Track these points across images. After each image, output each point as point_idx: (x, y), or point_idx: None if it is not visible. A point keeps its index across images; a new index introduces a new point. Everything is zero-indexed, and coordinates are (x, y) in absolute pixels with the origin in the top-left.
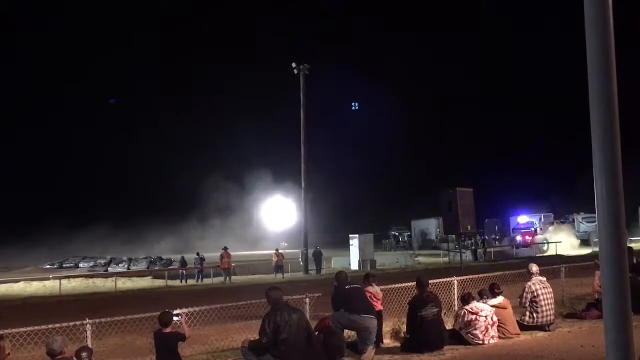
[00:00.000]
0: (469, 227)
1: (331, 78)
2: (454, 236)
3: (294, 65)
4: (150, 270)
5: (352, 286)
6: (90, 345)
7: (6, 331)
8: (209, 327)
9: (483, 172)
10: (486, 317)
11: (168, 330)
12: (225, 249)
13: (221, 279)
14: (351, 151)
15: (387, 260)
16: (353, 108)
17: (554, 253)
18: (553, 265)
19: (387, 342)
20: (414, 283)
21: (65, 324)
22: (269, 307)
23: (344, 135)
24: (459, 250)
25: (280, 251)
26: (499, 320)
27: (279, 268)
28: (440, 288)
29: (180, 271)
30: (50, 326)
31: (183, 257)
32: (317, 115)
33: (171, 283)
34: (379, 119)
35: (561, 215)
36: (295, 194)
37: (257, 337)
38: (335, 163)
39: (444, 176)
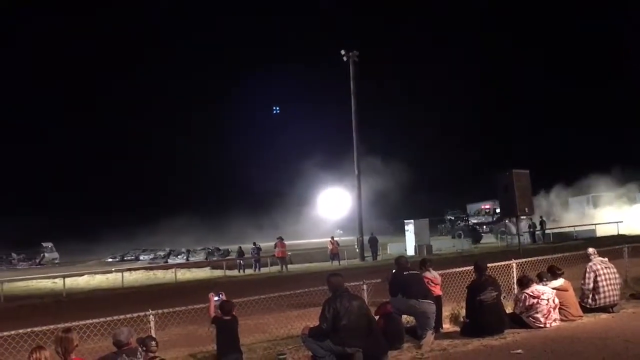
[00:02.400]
0: (526, 208)
1: (381, 64)
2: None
3: (342, 52)
4: (208, 260)
5: (410, 272)
6: (154, 335)
7: (73, 323)
8: (268, 315)
9: (537, 153)
10: (547, 299)
11: (227, 317)
12: (280, 238)
13: (278, 267)
14: (406, 137)
15: (443, 244)
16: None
17: (615, 233)
18: (615, 246)
19: (446, 326)
20: (472, 267)
21: (129, 315)
22: (329, 293)
23: (397, 120)
24: (516, 233)
25: (335, 238)
26: (560, 302)
27: (335, 255)
28: (498, 271)
29: (238, 261)
30: (115, 317)
31: (240, 247)
32: (369, 101)
33: (229, 273)
34: (432, 103)
35: None
36: (350, 181)
37: (317, 324)
38: (390, 149)
39: (499, 159)
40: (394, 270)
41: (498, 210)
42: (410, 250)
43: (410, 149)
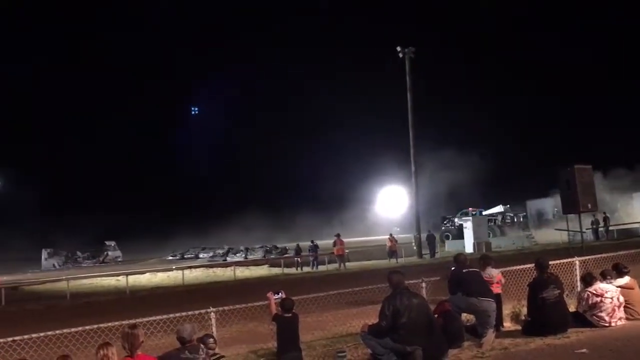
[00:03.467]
0: (589, 205)
1: (434, 61)
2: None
3: (398, 48)
4: (266, 258)
5: (469, 269)
6: (215, 332)
7: (138, 320)
8: (327, 312)
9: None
10: (612, 298)
11: (287, 314)
12: (338, 235)
13: (336, 265)
14: (462, 132)
15: (502, 242)
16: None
17: None
18: None
19: (507, 325)
20: (533, 264)
21: (191, 312)
22: (390, 291)
23: (452, 117)
24: (579, 230)
25: (393, 236)
26: (625, 301)
27: (393, 253)
28: (560, 269)
29: (296, 259)
30: (178, 314)
31: (298, 245)
32: (424, 99)
33: (287, 271)
34: (487, 99)
35: None
36: (407, 179)
37: (376, 322)
38: (447, 145)
39: (561, 154)
40: (452, 268)
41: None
42: (469, 248)
43: (468, 145)
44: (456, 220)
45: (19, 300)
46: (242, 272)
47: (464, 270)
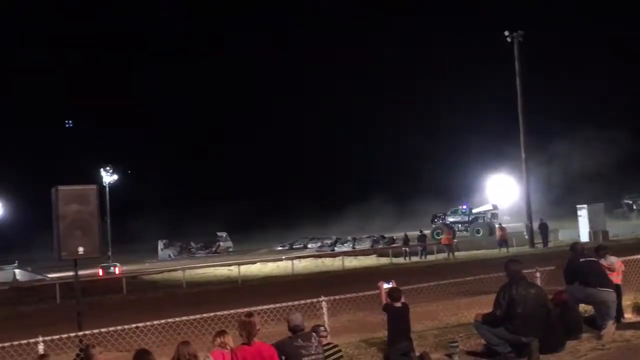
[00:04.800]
0: None
1: (546, 45)
2: None
3: (506, 33)
4: (374, 248)
5: (586, 258)
6: (326, 321)
7: (252, 308)
8: (437, 302)
9: None
10: None
11: (398, 304)
12: (447, 225)
13: (444, 255)
14: (575, 118)
15: (620, 230)
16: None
17: None
18: None
19: (629, 316)
20: None
21: (303, 301)
22: (506, 280)
23: (566, 103)
24: None
25: (503, 225)
26: None
27: (503, 242)
28: None
29: (403, 248)
30: (290, 303)
31: (406, 235)
32: (534, 85)
33: (395, 260)
34: (601, 84)
35: None
36: (517, 166)
37: (490, 311)
38: (559, 131)
39: None
40: (569, 257)
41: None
42: (584, 237)
43: (581, 129)
44: (447, 217)
45: (138, 289)
46: (350, 262)
47: (581, 260)
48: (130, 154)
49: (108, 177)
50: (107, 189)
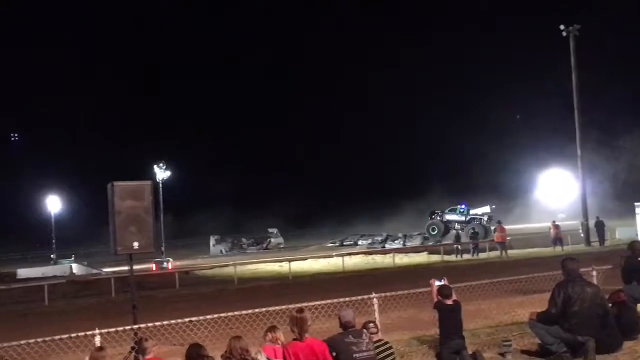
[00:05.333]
0: None
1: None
2: None
3: (562, 27)
4: (425, 245)
5: None
6: (377, 318)
7: (303, 304)
8: (489, 300)
9: None
10: None
11: (449, 301)
12: (499, 222)
13: (497, 252)
14: (636, 112)
15: None
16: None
17: None
18: None
19: None
20: None
21: (354, 298)
22: (561, 278)
23: (626, 97)
24: None
25: (556, 223)
26: None
27: (558, 240)
28: None
29: (455, 246)
30: (341, 299)
31: (457, 232)
32: (593, 79)
33: (446, 258)
34: None
35: None
36: (572, 163)
37: (545, 309)
38: (616, 126)
39: None
40: (627, 256)
41: None
42: None
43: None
44: (445, 215)
45: (190, 284)
46: (401, 259)
47: (639, 259)
48: (189, 150)
49: (161, 173)
50: (160, 185)
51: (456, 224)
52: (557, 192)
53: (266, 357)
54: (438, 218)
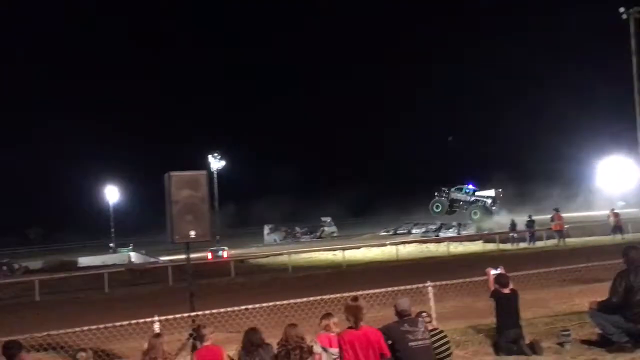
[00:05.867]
0: None
1: None
2: None
3: (622, 9)
4: (480, 234)
5: None
6: (432, 306)
7: (358, 292)
8: (547, 289)
9: None
10: None
11: (506, 290)
12: (556, 210)
13: (554, 241)
14: None
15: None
16: None
17: None
18: None
19: None
20: None
21: (409, 286)
22: (623, 266)
23: None
24: None
25: (616, 210)
26: None
27: (617, 228)
28: None
29: (511, 234)
30: (395, 288)
31: (513, 220)
32: None
33: (502, 246)
34: None
35: None
36: (633, 149)
37: (605, 298)
38: None
39: None
40: None
41: None
42: None
43: None
44: (451, 193)
45: (246, 272)
46: (456, 248)
47: None
48: (252, 140)
49: (216, 163)
50: (215, 175)
51: (461, 202)
52: (617, 180)
53: (321, 345)
54: (444, 196)
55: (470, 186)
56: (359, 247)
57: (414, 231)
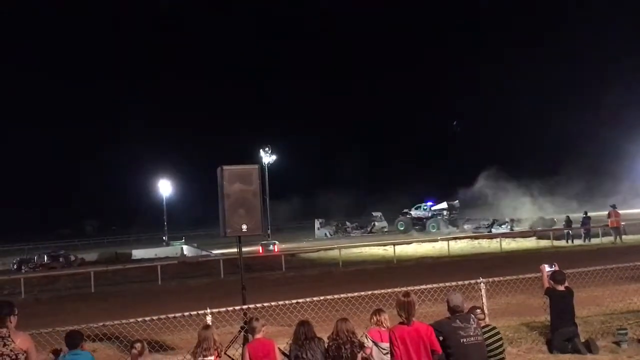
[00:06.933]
0: None
1: None
2: None
3: None
4: (534, 230)
5: None
6: (485, 303)
7: (409, 288)
8: (602, 287)
9: None
10: None
11: (561, 287)
12: (614, 206)
13: (610, 238)
14: None
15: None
16: None
17: None
18: None
19: None
20: None
21: (460, 282)
22: None
23: None
24: None
25: None
26: None
27: None
28: None
29: (566, 231)
30: (447, 284)
31: (568, 217)
32: None
33: (556, 243)
34: None
35: None
36: None
37: None
38: None
39: None
40: None
41: None
42: None
43: None
44: (412, 212)
45: (296, 266)
46: (509, 244)
47: None
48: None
49: (267, 157)
50: (266, 168)
51: (423, 219)
52: None
53: (372, 339)
54: (408, 215)
55: (429, 203)
56: (410, 243)
57: (465, 227)
